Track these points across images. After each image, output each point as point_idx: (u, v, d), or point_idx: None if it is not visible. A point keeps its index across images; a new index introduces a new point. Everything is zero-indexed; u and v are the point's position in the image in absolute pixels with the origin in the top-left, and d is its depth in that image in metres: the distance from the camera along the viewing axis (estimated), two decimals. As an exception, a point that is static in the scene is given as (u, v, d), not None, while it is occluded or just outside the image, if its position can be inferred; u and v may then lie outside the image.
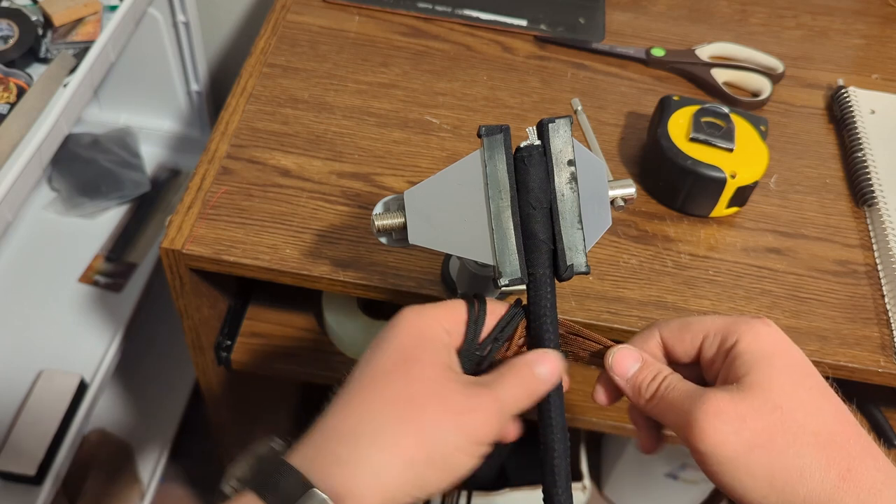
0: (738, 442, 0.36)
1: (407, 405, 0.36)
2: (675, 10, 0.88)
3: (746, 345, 0.38)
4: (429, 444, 0.36)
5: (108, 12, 0.80)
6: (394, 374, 0.37)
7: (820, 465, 0.35)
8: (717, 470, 0.36)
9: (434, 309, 0.40)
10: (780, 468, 0.35)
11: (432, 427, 0.36)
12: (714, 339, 0.40)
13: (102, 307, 1.01)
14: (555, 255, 0.41)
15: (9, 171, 0.66)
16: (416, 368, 0.37)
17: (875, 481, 0.35)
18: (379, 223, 0.43)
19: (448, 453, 0.36)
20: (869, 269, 0.66)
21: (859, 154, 0.72)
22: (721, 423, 0.36)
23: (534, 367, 0.39)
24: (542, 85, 0.77)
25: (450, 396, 0.37)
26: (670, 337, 0.42)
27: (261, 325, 0.79)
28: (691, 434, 0.37)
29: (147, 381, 1.19)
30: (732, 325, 0.40)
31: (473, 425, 0.37)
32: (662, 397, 0.39)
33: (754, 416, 0.36)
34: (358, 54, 0.78)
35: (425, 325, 0.39)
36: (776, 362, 0.38)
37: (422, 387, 0.37)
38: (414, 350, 0.38)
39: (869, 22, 0.90)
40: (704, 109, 0.67)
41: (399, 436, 0.35)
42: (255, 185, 0.65)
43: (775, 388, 0.37)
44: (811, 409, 0.36)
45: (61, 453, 0.89)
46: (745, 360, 0.38)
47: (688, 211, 0.67)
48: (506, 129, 0.41)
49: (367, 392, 0.37)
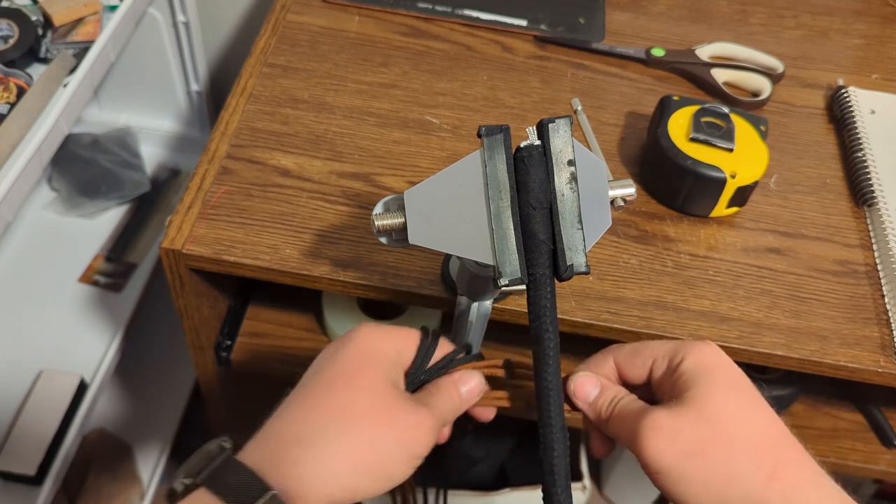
0: (673, 452, 0.39)
1: (356, 416, 0.39)
2: (675, 10, 0.88)
3: (689, 363, 0.42)
4: (373, 454, 0.38)
5: (108, 12, 0.80)
6: (340, 384, 0.40)
7: (750, 469, 0.39)
8: (659, 478, 0.40)
9: (389, 329, 0.44)
10: (713, 474, 0.39)
11: (378, 439, 0.39)
12: (662, 361, 0.44)
13: (102, 307, 1.01)
14: (555, 255, 0.41)
15: (9, 171, 0.66)
16: (363, 380, 0.40)
17: (799, 479, 0.39)
18: (379, 223, 0.43)
19: (388, 463, 0.39)
20: (869, 269, 0.66)
21: (859, 154, 0.72)
22: (658, 436, 0.39)
23: (459, 386, 0.44)
24: (542, 85, 0.77)
25: (395, 412, 0.40)
26: (623, 362, 0.45)
27: (261, 325, 0.79)
28: (636, 447, 0.40)
29: (147, 381, 1.19)
30: (679, 347, 0.43)
31: (414, 440, 0.40)
32: (616, 416, 0.43)
33: (690, 429, 0.39)
34: (358, 54, 0.78)
35: (377, 340, 0.42)
36: (715, 377, 0.41)
37: (367, 399, 0.40)
38: (364, 362, 0.41)
39: (869, 22, 0.90)
40: (704, 109, 0.67)
41: (348, 444, 0.38)
42: (255, 185, 0.65)
43: (711, 402, 0.40)
44: (743, 419, 0.40)
45: (61, 453, 0.89)
46: (688, 377, 0.41)
47: (688, 211, 0.67)
48: (506, 129, 0.41)
49: (321, 399, 0.40)
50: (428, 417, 0.41)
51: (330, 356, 0.42)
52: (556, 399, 0.40)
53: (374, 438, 0.39)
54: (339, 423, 0.38)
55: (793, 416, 0.77)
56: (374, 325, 0.43)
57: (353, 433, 0.38)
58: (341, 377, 0.40)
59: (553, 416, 0.40)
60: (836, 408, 0.78)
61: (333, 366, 0.41)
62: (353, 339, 0.42)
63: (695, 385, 0.41)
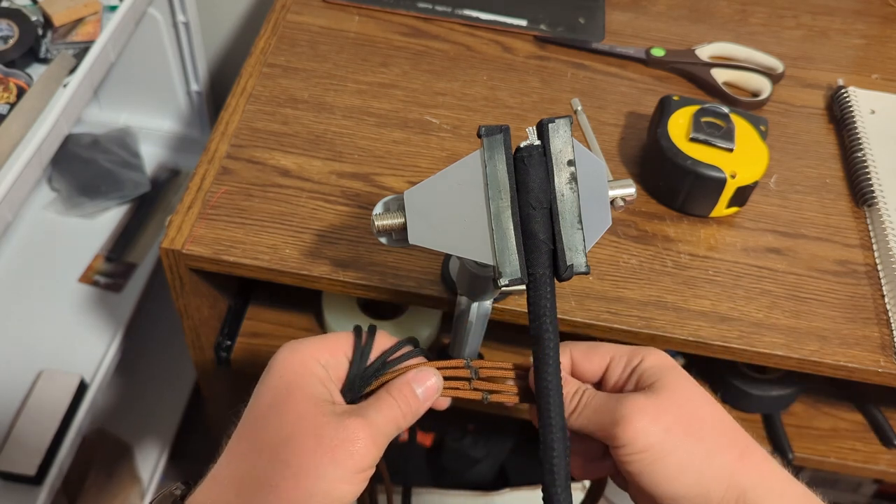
0: (658, 429, 0.41)
1: (283, 448, 0.38)
2: (675, 10, 0.88)
3: (651, 362, 0.44)
4: (308, 483, 0.37)
5: (108, 12, 0.80)
6: (269, 417, 0.39)
7: (722, 447, 0.41)
8: (639, 458, 0.41)
9: (311, 343, 0.43)
10: (695, 449, 0.41)
11: (309, 466, 0.37)
12: (620, 360, 0.45)
13: (102, 307, 1.01)
14: (555, 255, 0.41)
15: (9, 171, 0.66)
16: (290, 406, 0.39)
17: (761, 459, 0.42)
18: (379, 223, 0.43)
19: (329, 488, 0.38)
20: (869, 269, 0.66)
21: (859, 154, 0.72)
22: (642, 416, 0.41)
23: (413, 385, 0.42)
24: (542, 85, 0.77)
25: (323, 432, 0.38)
26: (579, 356, 0.46)
27: (261, 325, 0.79)
28: (616, 430, 0.41)
29: (147, 381, 1.19)
30: (636, 349, 0.45)
31: (350, 456, 0.38)
32: (587, 405, 0.44)
33: (668, 410, 0.42)
34: (358, 54, 0.78)
35: (298, 361, 0.41)
36: (677, 372, 0.44)
37: (295, 426, 0.39)
38: (286, 388, 0.40)
39: (869, 22, 0.90)
40: (704, 109, 0.67)
41: (280, 480, 0.37)
42: (254, 185, 0.65)
43: (680, 390, 0.43)
44: (709, 406, 0.43)
45: (61, 453, 0.89)
46: (653, 372, 0.44)
47: (688, 211, 0.67)
48: (506, 129, 0.41)
49: (248, 437, 0.40)
50: (362, 428, 0.39)
51: (258, 387, 0.41)
52: (557, 399, 0.40)
53: (304, 468, 0.37)
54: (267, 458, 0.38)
55: (793, 416, 0.77)
56: (292, 346, 0.42)
57: (281, 469, 0.38)
58: (264, 410, 0.40)
59: (553, 416, 0.40)
60: (836, 408, 0.78)
61: (261, 398, 0.41)
62: (274, 366, 0.41)
63: (661, 377, 0.43)
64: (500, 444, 1.12)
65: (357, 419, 0.39)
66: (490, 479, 1.13)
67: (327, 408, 0.40)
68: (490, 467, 1.12)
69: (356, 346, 0.43)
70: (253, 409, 0.41)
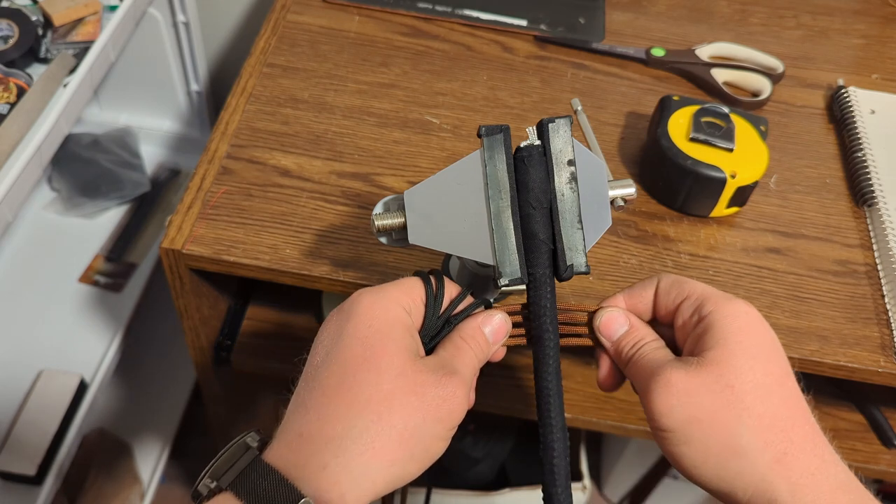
0: (680, 414, 0.38)
1: (383, 405, 0.36)
2: (675, 10, 0.88)
3: (719, 318, 0.39)
4: (411, 441, 0.36)
5: (108, 12, 0.80)
6: (362, 372, 0.37)
7: (756, 446, 0.37)
8: (662, 436, 0.39)
9: (392, 288, 0.40)
10: (716, 443, 0.37)
11: (413, 424, 0.36)
12: (692, 303, 0.41)
13: (102, 307, 1.01)
14: (555, 255, 0.41)
15: (9, 171, 0.66)
16: (384, 361, 0.37)
17: (809, 466, 0.37)
18: (379, 223, 0.43)
19: (428, 445, 0.37)
20: (869, 269, 0.66)
21: (859, 154, 0.72)
22: (668, 395, 0.38)
23: (483, 327, 0.42)
24: (542, 85, 0.77)
25: (424, 390, 0.37)
26: (663, 290, 0.43)
27: (261, 325, 0.79)
28: (646, 400, 0.39)
29: (147, 381, 1.19)
30: (713, 295, 0.40)
31: (450, 414, 0.38)
32: (635, 362, 0.41)
33: (702, 393, 0.38)
34: (358, 54, 0.78)
35: (383, 308, 0.39)
36: (743, 342, 0.39)
37: (394, 382, 0.37)
38: (377, 340, 0.38)
39: (869, 22, 0.90)
40: (704, 109, 0.67)
41: (381, 439, 0.36)
42: (255, 185, 0.65)
43: (731, 370, 0.38)
44: (761, 394, 0.38)
45: (61, 453, 0.89)
46: (713, 335, 0.39)
47: (688, 211, 0.67)
48: (506, 129, 0.41)
49: (340, 391, 0.37)
50: (460, 385, 0.38)
51: (335, 337, 0.38)
52: (557, 399, 0.40)
53: (409, 426, 0.36)
54: (367, 418, 0.36)
55: (793, 416, 0.77)
56: (373, 292, 0.40)
57: (383, 427, 0.36)
58: (357, 362, 0.37)
59: (553, 417, 0.40)
60: (836, 408, 0.78)
61: (349, 349, 0.38)
62: (359, 312, 0.38)
63: (719, 346, 0.38)
64: (500, 444, 1.12)
65: (453, 377, 0.38)
66: (490, 479, 1.13)
67: (420, 364, 0.38)
68: (490, 467, 1.12)
69: (428, 291, 0.42)
70: (335, 362, 0.38)
